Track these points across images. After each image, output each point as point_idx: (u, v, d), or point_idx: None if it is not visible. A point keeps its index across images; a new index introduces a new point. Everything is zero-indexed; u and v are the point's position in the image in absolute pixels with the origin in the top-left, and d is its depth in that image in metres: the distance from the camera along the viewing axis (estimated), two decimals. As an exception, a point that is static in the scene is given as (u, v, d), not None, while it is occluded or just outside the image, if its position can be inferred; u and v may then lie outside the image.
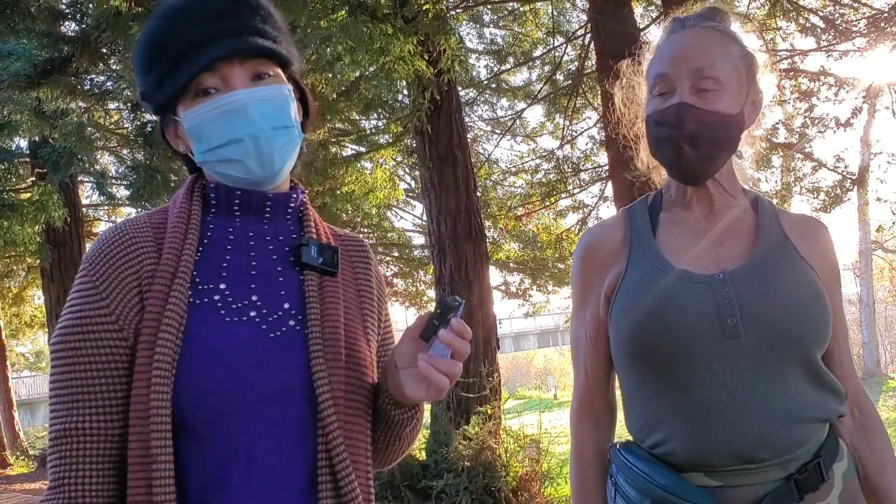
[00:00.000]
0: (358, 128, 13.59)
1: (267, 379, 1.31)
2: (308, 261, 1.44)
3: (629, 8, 7.78)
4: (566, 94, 13.01)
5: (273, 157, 1.40)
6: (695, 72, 1.59)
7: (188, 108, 1.39)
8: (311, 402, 1.34)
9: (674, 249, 1.68)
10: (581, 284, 1.80)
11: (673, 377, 1.58)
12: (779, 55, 11.65)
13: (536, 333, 45.62)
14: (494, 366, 9.36)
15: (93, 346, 1.30)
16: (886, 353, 31.50)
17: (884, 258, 28.69)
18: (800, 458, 1.53)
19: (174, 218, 1.41)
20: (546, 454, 8.45)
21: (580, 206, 15.07)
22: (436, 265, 9.84)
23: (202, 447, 1.28)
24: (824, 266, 1.66)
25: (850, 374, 1.70)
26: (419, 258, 18.45)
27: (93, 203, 18.56)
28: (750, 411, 1.52)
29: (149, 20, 1.42)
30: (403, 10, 7.27)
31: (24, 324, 20.76)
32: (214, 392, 1.27)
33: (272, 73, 1.44)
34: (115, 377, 1.30)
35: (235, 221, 1.46)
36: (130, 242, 1.37)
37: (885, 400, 16.49)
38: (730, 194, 1.72)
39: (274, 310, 1.39)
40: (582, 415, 1.83)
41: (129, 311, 1.31)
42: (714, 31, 1.66)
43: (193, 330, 1.31)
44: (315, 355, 1.35)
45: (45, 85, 8.59)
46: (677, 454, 1.57)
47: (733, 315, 1.54)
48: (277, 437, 1.31)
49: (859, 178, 12.61)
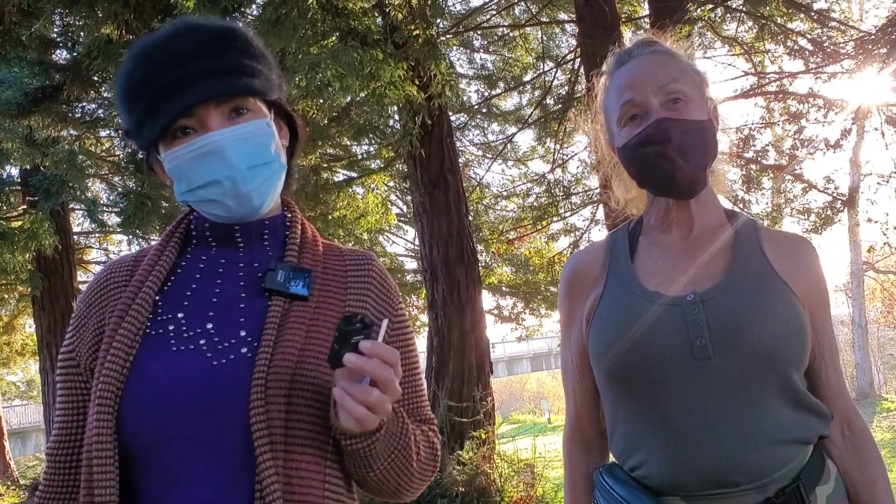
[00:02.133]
0: (349, 153, 13.60)
1: (203, 407, 1.29)
2: (271, 286, 1.41)
3: (618, 32, 7.84)
4: (556, 118, 13.07)
5: (251, 196, 1.41)
6: (661, 88, 1.61)
7: (167, 149, 1.41)
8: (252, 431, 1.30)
9: (650, 272, 1.68)
10: (566, 309, 1.81)
11: (647, 400, 1.58)
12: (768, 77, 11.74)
13: (529, 357, 45.49)
14: (488, 390, 9.33)
15: (65, 380, 1.43)
16: (880, 374, 31.51)
17: (875, 279, 28.74)
18: (778, 481, 1.51)
19: (151, 252, 1.46)
20: (541, 479, 8.40)
21: (572, 230, 15.13)
22: (428, 289, 9.83)
23: (147, 472, 1.31)
24: (807, 284, 1.64)
25: (839, 393, 1.67)
26: (411, 283, 18.41)
27: (84, 230, 18.50)
28: (722, 434, 1.50)
29: (125, 61, 1.42)
30: (394, 35, 7.30)
31: (15, 352, 20.59)
32: (152, 420, 1.29)
33: (250, 107, 1.43)
34: (76, 410, 1.41)
35: (211, 251, 1.48)
36: (106, 280, 1.46)
37: (879, 421, 16.46)
38: (710, 213, 1.72)
39: (227, 337, 1.37)
40: (573, 440, 1.83)
41: (85, 348, 1.40)
42: (662, 53, 1.70)
43: (141, 359, 1.34)
44: (255, 384, 1.29)
45: (36, 113, 8.59)
46: (654, 477, 1.56)
47: (702, 337, 1.53)
48: (216, 466, 1.29)
49: (850, 199, 12.67)
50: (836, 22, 11.38)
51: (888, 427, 15.42)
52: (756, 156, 11.64)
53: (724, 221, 1.73)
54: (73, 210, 16.51)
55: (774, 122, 12.21)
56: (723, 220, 1.73)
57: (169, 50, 1.38)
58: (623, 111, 1.67)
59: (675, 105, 1.61)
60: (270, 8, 6.52)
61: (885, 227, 13.62)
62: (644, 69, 1.66)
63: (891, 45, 8.90)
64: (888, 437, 14.02)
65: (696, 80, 1.67)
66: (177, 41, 1.39)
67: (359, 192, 12.79)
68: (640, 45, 1.73)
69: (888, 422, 16.22)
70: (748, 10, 10.70)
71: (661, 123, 1.59)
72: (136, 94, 1.39)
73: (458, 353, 9.19)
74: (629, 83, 1.66)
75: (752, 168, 11.77)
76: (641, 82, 1.64)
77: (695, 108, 1.62)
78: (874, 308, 31.28)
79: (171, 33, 1.41)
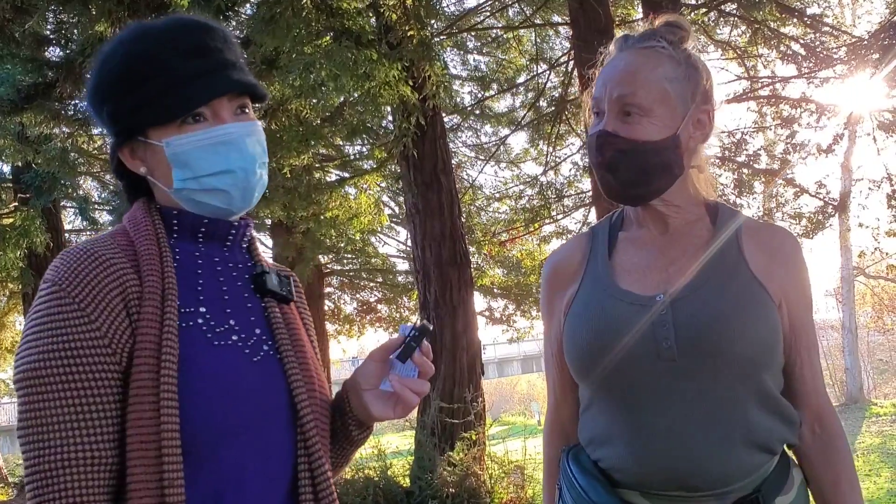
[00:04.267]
0: (342, 153, 13.61)
1: (256, 403, 1.33)
2: (272, 288, 1.47)
3: (612, 35, 7.83)
4: (549, 120, 13.09)
5: (254, 191, 1.43)
6: (618, 98, 1.59)
7: (173, 135, 1.37)
8: (292, 424, 1.37)
9: (626, 269, 1.68)
10: (546, 305, 1.82)
11: (615, 397, 1.60)
12: (761, 82, 11.77)
13: (520, 359, 45.56)
14: (479, 391, 9.33)
15: (85, 371, 1.24)
16: (869, 379, 31.59)
17: (866, 284, 28.83)
18: (737, 491, 1.52)
19: (143, 240, 1.37)
20: (531, 480, 8.41)
21: (564, 232, 15.15)
22: (420, 290, 9.82)
23: (196, 474, 1.26)
24: (786, 280, 1.62)
25: (813, 390, 1.65)
26: (403, 284, 18.44)
27: (75, 228, 18.41)
28: (686, 436, 1.51)
29: (121, 42, 1.40)
30: (388, 36, 7.31)
31: (4, 350, 20.53)
32: (214, 417, 1.27)
33: (250, 108, 1.45)
34: (109, 403, 1.25)
35: (199, 247, 1.45)
36: (108, 263, 1.32)
37: (868, 426, 16.49)
38: (685, 210, 1.69)
39: (250, 335, 1.40)
40: (552, 432, 1.87)
41: (121, 334, 1.27)
42: (650, 51, 1.63)
43: (185, 353, 1.29)
44: (294, 379, 1.39)
45: (28, 110, 8.55)
46: (616, 470, 1.58)
47: (668, 338, 1.53)
48: (264, 461, 1.32)
49: (841, 204, 12.73)
50: (828, 27, 11.42)
51: (877, 432, 15.44)
52: (748, 160, 11.68)
53: (702, 215, 1.70)
54: (64, 208, 16.47)
55: (767, 127, 12.27)
56: (701, 214, 1.70)
57: (183, 38, 1.38)
58: (592, 103, 1.68)
59: (626, 118, 1.58)
60: (265, 7, 6.51)
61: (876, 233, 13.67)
62: (616, 71, 1.62)
63: (883, 51, 8.94)
64: (877, 441, 14.05)
65: (668, 93, 1.60)
66: (190, 33, 1.39)
67: (351, 192, 12.79)
68: (639, 37, 1.67)
69: (877, 426, 16.25)
70: (742, 14, 10.74)
71: (600, 137, 1.60)
72: (140, 77, 1.36)
73: (450, 354, 9.19)
74: (602, 79, 1.65)
75: (744, 172, 11.82)
76: (607, 84, 1.62)
77: (648, 124, 1.58)
78: (864, 313, 31.35)
79: (177, 23, 1.40)
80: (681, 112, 1.61)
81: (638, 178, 1.60)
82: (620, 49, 1.68)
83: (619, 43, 1.70)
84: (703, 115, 1.66)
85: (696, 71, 1.65)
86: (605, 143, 1.59)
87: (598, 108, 1.64)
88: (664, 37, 1.65)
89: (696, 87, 1.64)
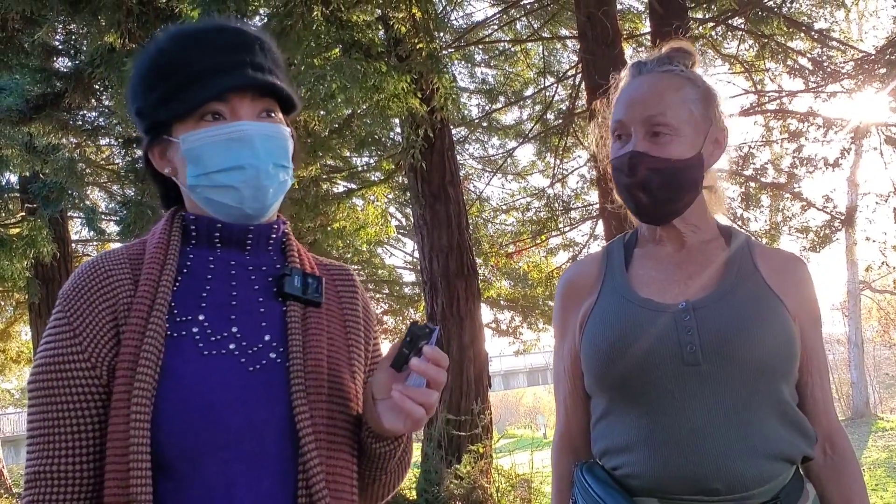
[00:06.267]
0: (350, 165, 13.62)
1: (246, 415, 1.28)
2: (290, 291, 1.42)
3: (619, 48, 7.85)
4: (557, 133, 13.08)
5: (268, 192, 1.41)
6: (647, 119, 1.64)
7: (190, 131, 1.38)
8: (292, 437, 1.31)
9: (644, 282, 1.71)
10: (560, 320, 1.84)
11: (636, 403, 1.61)
12: (767, 96, 11.77)
13: (526, 372, 45.38)
14: (486, 403, 9.32)
15: (66, 384, 1.27)
16: (875, 394, 31.47)
17: (872, 298, 28.74)
18: (756, 497, 1.52)
19: (152, 248, 1.39)
20: (537, 494, 8.39)
21: (571, 245, 15.12)
22: (427, 302, 9.83)
23: (180, 487, 1.25)
24: (799, 302, 1.66)
25: (825, 411, 1.69)
26: (410, 295, 18.42)
27: (82, 238, 18.44)
28: (708, 440, 1.52)
29: (156, 42, 1.41)
30: (397, 48, 7.32)
31: (10, 360, 20.54)
32: (193, 430, 1.24)
33: (277, 114, 1.45)
34: (87, 417, 1.27)
35: (216, 252, 1.44)
36: (106, 275, 1.35)
37: (875, 440, 16.43)
38: (701, 229, 1.74)
39: (254, 342, 1.36)
40: (562, 448, 1.86)
41: (101, 348, 1.28)
42: (670, 75, 1.70)
43: (171, 365, 1.28)
44: (296, 389, 1.32)
45: (37, 120, 8.58)
46: (635, 478, 1.58)
47: (692, 343, 1.56)
48: (256, 475, 1.28)
49: (848, 218, 12.68)
50: (836, 42, 11.41)
51: (883, 447, 15.39)
52: (755, 173, 11.66)
53: (717, 236, 1.76)
54: (71, 218, 16.49)
55: (774, 141, 12.22)
56: (716, 235, 1.76)
57: (212, 37, 1.39)
58: (614, 126, 1.72)
59: (656, 139, 1.64)
60: (276, 20, 6.53)
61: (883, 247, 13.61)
62: (641, 93, 1.68)
63: (890, 66, 8.94)
64: (884, 456, 14.00)
65: (693, 113, 1.67)
66: (221, 33, 1.40)
67: (359, 203, 12.81)
68: (655, 61, 1.74)
69: (883, 441, 16.20)
70: (749, 28, 10.74)
71: (633, 157, 1.64)
72: (169, 69, 1.38)
73: (457, 366, 9.18)
74: (625, 102, 1.69)
75: (751, 185, 11.79)
76: (633, 107, 1.67)
77: (678, 144, 1.64)
78: (870, 327, 31.31)
79: (213, 25, 1.42)
80: (702, 131, 1.68)
81: (671, 195, 1.65)
82: (637, 74, 1.74)
83: (633, 69, 1.76)
84: (721, 135, 1.73)
85: (711, 93, 1.72)
86: (637, 163, 1.63)
87: (621, 131, 1.69)
88: (680, 61, 1.72)
89: (713, 108, 1.71)
